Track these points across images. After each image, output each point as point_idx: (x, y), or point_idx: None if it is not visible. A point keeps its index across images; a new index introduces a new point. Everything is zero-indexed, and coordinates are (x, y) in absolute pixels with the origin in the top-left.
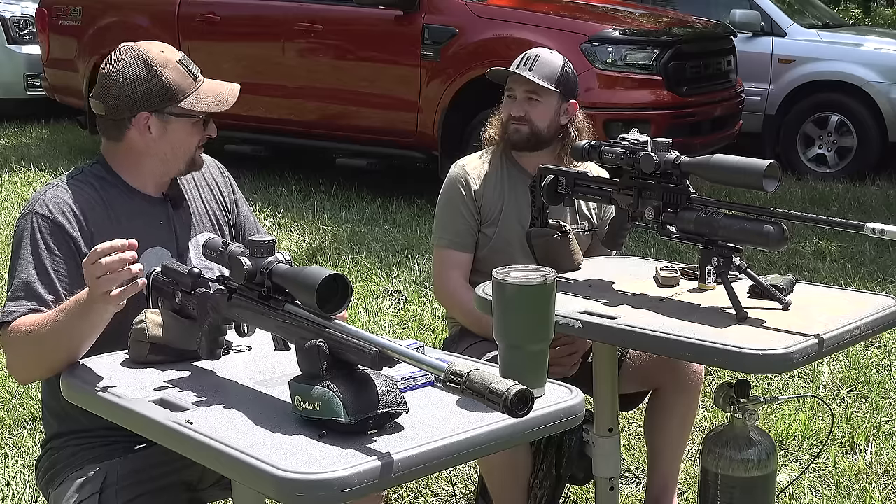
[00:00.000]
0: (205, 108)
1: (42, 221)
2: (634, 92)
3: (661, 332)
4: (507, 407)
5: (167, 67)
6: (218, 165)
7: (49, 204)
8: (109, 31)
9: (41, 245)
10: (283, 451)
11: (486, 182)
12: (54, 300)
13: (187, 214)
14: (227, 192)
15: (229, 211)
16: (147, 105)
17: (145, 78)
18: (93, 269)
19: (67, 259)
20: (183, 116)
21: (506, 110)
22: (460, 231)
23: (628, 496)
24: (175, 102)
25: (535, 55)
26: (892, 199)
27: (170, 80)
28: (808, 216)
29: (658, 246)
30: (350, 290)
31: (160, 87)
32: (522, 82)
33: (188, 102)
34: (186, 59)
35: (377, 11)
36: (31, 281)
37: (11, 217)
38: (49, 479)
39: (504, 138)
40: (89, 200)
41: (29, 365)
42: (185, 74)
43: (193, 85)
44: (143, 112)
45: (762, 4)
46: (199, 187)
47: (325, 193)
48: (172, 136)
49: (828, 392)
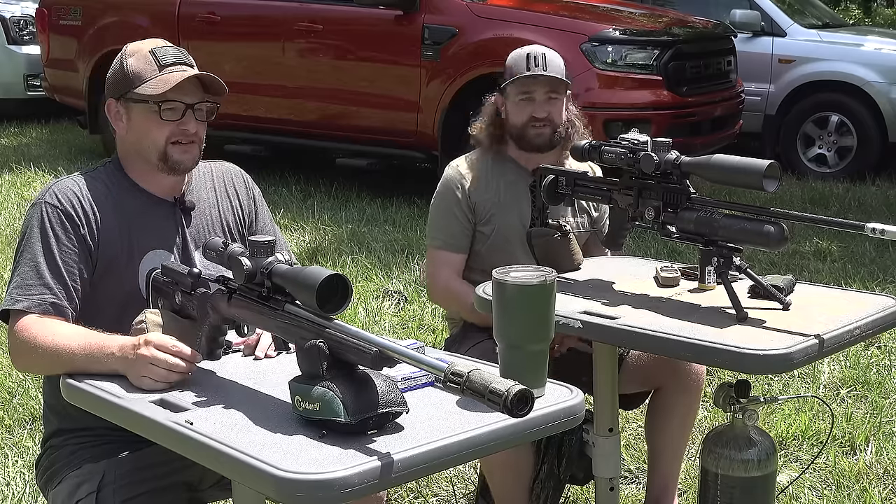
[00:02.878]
0: (148, 91)
1: (52, 210)
2: (634, 92)
3: (661, 332)
4: (507, 407)
5: (135, 56)
6: (244, 176)
7: (59, 194)
8: (109, 31)
9: (50, 233)
10: (283, 451)
11: (480, 182)
12: (61, 290)
13: (199, 222)
14: (247, 203)
15: (245, 222)
16: (112, 92)
17: (115, 67)
18: (153, 353)
19: (76, 248)
20: (139, 102)
21: (523, 113)
22: (454, 233)
23: (628, 496)
24: (132, 88)
25: (541, 54)
26: (892, 199)
27: (131, 66)
28: (808, 216)
29: (658, 246)
30: (350, 290)
31: (122, 74)
32: (544, 83)
33: (143, 88)
34: (164, 52)
35: (377, 11)
36: (40, 268)
37: (11, 217)
38: (48, 478)
39: (517, 142)
40: (99, 194)
41: (31, 366)
42: (150, 63)
43: (157, 73)
44: (110, 98)
45: (762, 4)
46: (219, 197)
47: (325, 193)
48: (135, 123)
49: (828, 392)
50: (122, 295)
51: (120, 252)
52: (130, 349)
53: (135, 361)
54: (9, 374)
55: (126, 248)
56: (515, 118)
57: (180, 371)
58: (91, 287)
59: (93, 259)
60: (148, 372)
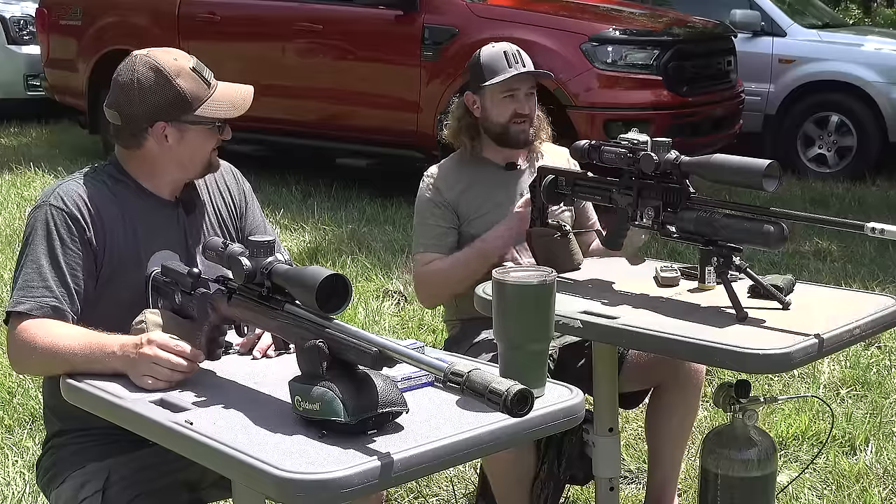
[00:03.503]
0: (220, 114)
1: (57, 213)
2: (634, 92)
3: (662, 331)
4: (507, 407)
5: (181, 76)
6: (233, 171)
7: (64, 196)
8: (109, 31)
9: (55, 236)
10: (283, 451)
11: (457, 185)
12: (64, 293)
13: (199, 220)
14: (239, 197)
15: (238, 216)
16: (163, 115)
17: (160, 88)
18: (156, 353)
19: (80, 252)
20: (199, 124)
21: (506, 111)
22: (435, 234)
23: (628, 496)
24: (191, 111)
25: (516, 51)
26: (892, 199)
27: (184, 88)
28: (808, 216)
29: (658, 246)
30: (350, 290)
31: (175, 96)
32: (527, 79)
33: (203, 110)
34: (199, 65)
35: (377, 11)
36: (43, 271)
37: (11, 217)
38: (51, 478)
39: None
40: (104, 198)
41: (31, 367)
42: (198, 81)
43: (208, 91)
44: (159, 122)
45: (762, 4)
46: (212, 193)
47: (325, 193)
48: (189, 143)
49: (828, 392)
50: (130, 297)
51: (127, 255)
52: (132, 348)
53: (137, 361)
54: (9, 374)
55: (133, 250)
56: (497, 116)
57: (183, 370)
58: (97, 290)
59: (98, 263)
60: (150, 371)
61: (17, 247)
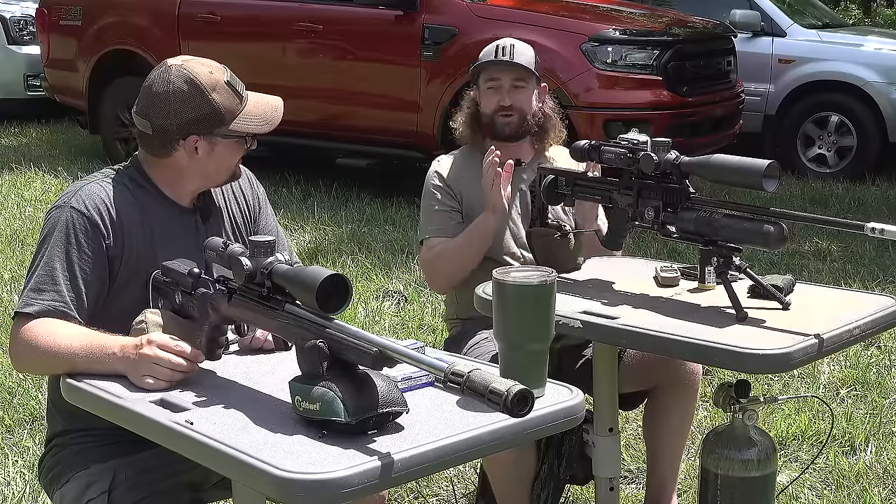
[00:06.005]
0: (252, 129)
1: (78, 217)
2: (634, 92)
3: (661, 331)
4: (507, 407)
5: (216, 90)
6: (248, 175)
7: (86, 200)
8: (109, 31)
9: (73, 240)
10: (283, 451)
11: (463, 177)
12: (74, 298)
13: (216, 228)
14: (253, 201)
15: (251, 220)
16: (197, 129)
17: (196, 102)
18: (156, 353)
19: (94, 260)
20: (230, 137)
21: (490, 101)
22: (440, 220)
23: (628, 496)
24: (224, 125)
25: (510, 44)
26: (892, 199)
27: (219, 103)
28: (808, 216)
29: (658, 246)
30: (350, 290)
31: (210, 110)
32: (509, 70)
33: (236, 124)
34: (233, 78)
35: (377, 11)
36: (55, 273)
37: (11, 217)
38: (53, 477)
39: (485, 132)
40: (125, 202)
41: (31, 366)
42: (232, 96)
43: (241, 105)
44: (192, 135)
45: (762, 4)
46: (227, 199)
47: (325, 193)
48: (219, 155)
49: (828, 392)
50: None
51: (145, 258)
52: (132, 349)
53: (137, 361)
54: (9, 374)
55: (150, 255)
56: (485, 107)
57: (183, 370)
58: (111, 295)
59: (114, 269)
60: (151, 371)
61: (16, 247)
